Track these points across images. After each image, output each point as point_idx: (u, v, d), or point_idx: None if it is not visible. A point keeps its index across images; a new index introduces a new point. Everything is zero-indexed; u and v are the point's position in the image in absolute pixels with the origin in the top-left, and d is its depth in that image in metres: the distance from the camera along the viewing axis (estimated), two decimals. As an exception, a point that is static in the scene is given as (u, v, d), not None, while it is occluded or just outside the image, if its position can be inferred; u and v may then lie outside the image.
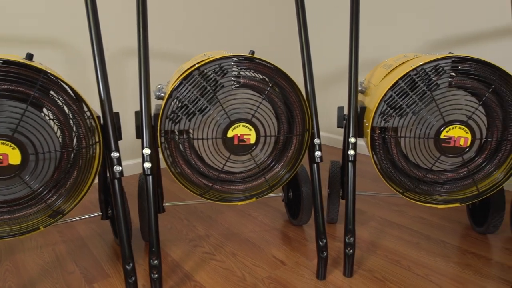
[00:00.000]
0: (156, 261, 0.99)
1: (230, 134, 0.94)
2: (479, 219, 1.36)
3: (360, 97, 1.27)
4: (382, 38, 2.20)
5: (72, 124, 0.88)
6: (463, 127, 0.94)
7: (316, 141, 1.06)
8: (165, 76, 1.97)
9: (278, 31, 2.51)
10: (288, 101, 1.01)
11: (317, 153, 1.06)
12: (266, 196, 1.37)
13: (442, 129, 0.95)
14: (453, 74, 1.00)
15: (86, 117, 0.89)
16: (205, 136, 0.97)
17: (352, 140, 1.07)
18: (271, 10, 2.42)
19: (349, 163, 1.08)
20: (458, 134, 0.94)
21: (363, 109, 1.09)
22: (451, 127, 0.94)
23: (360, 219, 1.47)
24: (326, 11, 2.48)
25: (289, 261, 1.18)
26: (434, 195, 1.03)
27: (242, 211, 1.53)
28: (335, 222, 1.42)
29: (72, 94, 0.89)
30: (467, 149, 0.95)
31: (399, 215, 1.51)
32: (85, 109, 0.90)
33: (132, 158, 1.99)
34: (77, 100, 0.89)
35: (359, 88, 1.24)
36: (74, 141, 0.90)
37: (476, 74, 0.95)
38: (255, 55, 1.00)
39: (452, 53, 1.04)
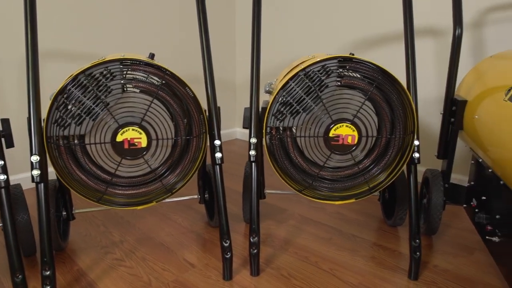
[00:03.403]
0: (48, 272, 0.95)
1: (119, 138, 0.92)
2: (389, 212, 1.41)
3: (269, 98, 1.28)
4: (310, 37, 2.25)
5: None
6: (349, 125, 0.97)
7: (216, 142, 1.07)
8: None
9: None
10: (185, 103, 1.00)
11: (218, 155, 1.06)
12: (186, 198, 1.38)
13: (330, 127, 0.98)
14: (350, 74, 1.03)
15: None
16: (97, 141, 0.95)
17: (253, 140, 1.08)
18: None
19: (252, 163, 1.09)
20: (346, 132, 0.97)
21: (264, 109, 1.10)
22: (338, 125, 0.97)
23: (279, 218, 1.49)
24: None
25: (199, 263, 1.17)
26: (332, 192, 1.07)
27: (163, 215, 1.51)
28: (252, 221, 1.43)
29: None
30: (354, 147, 0.99)
31: (318, 212, 1.54)
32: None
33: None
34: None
35: (267, 89, 1.25)
36: None
37: (364, 74, 0.98)
38: (148, 59, 0.99)
39: (353, 54, 1.07)
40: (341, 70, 0.98)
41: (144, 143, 0.95)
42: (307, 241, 1.31)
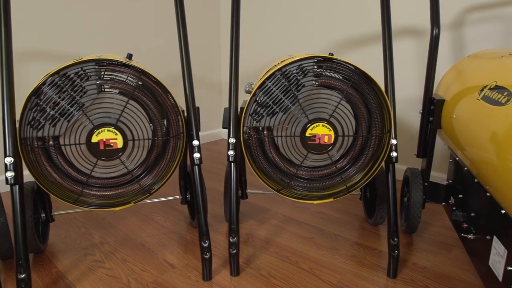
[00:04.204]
0: (23, 275, 0.94)
1: (94, 139, 0.92)
2: (370, 211, 1.42)
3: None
4: (295, 37, 2.25)
5: None
6: (326, 124, 0.97)
7: (195, 143, 1.06)
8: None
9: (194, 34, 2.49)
10: (162, 103, 1.00)
11: (196, 155, 1.06)
12: (169, 199, 1.37)
13: (307, 127, 0.98)
14: (329, 74, 1.04)
15: None
16: (73, 142, 0.94)
17: (231, 140, 1.08)
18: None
19: (231, 164, 1.09)
20: (322, 131, 0.98)
21: (243, 109, 1.10)
22: (315, 125, 0.98)
23: (261, 217, 1.49)
24: (252, 9, 2.50)
25: (180, 264, 1.17)
26: (310, 191, 1.07)
27: (145, 216, 1.50)
28: (234, 221, 1.43)
29: None
30: (330, 147, 0.99)
31: (301, 211, 1.55)
32: None
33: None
34: None
35: (247, 89, 1.25)
36: None
37: (341, 74, 0.99)
38: (126, 59, 0.98)
39: (332, 54, 1.07)
40: (319, 70, 0.99)
41: (120, 144, 0.94)
42: (288, 241, 1.31)
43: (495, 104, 0.85)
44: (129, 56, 1.08)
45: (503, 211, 0.80)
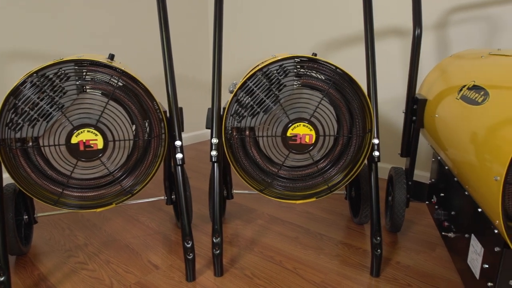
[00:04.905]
0: (3, 277, 0.93)
1: (74, 140, 0.91)
2: (356, 210, 1.43)
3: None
4: (286, 36, 2.26)
5: None
6: (307, 124, 0.98)
7: (177, 143, 1.06)
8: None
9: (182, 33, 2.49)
10: (146, 107, 0.99)
11: (178, 155, 1.05)
12: (154, 199, 1.36)
13: (288, 127, 0.98)
14: (312, 74, 1.04)
15: None
16: (52, 143, 0.93)
17: (214, 141, 1.08)
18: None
19: (214, 164, 1.09)
20: (303, 131, 0.98)
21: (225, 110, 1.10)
22: (296, 125, 0.98)
23: (247, 217, 1.49)
24: (236, 11, 2.50)
25: (164, 265, 1.17)
26: (292, 191, 1.07)
27: (131, 216, 1.50)
28: (220, 222, 1.43)
29: None
30: (311, 147, 1.00)
31: (287, 211, 1.55)
32: None
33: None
34: None
35: (231, 89, 1.25)
36: None
37: (323, 74, 0.99)
38: (108, 60, 0.98)
39: (316, 54, 1.08)
40: (301, 70, 0.99)
41: (100, 145, 0.93)
42: (273, 241, 1.31)
43: (473, 103, 0.86)
44: (111, 57, 1.07)
45: (479, 210, 0.81)
